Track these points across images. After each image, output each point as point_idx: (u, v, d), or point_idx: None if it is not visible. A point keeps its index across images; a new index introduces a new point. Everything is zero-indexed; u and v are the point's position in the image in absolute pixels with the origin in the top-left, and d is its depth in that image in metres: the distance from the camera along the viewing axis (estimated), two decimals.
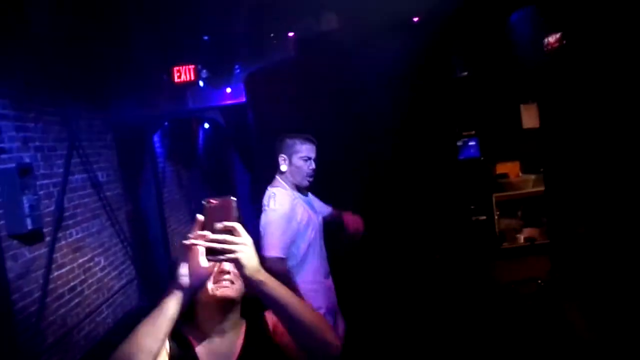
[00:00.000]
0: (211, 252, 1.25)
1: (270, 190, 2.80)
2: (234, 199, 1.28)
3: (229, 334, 1.53)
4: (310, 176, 2.83)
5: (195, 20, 5.30)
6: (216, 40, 5.67)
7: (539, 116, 4.24)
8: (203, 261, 1.27)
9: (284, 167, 2.82)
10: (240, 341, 1.52)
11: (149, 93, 5.29)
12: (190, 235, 1.26)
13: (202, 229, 1.26)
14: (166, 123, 6.37)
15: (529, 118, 5.00)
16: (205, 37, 5.84)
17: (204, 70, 5.39)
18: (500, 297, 2.59)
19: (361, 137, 4.29)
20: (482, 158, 5.41)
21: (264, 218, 2.75)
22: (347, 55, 3.74)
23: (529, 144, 5.13)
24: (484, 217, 5.22)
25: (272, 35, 5.27)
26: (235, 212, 1.26)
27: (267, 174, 3.51)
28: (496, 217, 5.31)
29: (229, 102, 6.17)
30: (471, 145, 5.27)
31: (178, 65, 5.33)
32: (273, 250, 2.66)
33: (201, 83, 5.30)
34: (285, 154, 2.82)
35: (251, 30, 5.35)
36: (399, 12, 4.78)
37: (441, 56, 3.66)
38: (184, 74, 5.03)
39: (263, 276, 1.31)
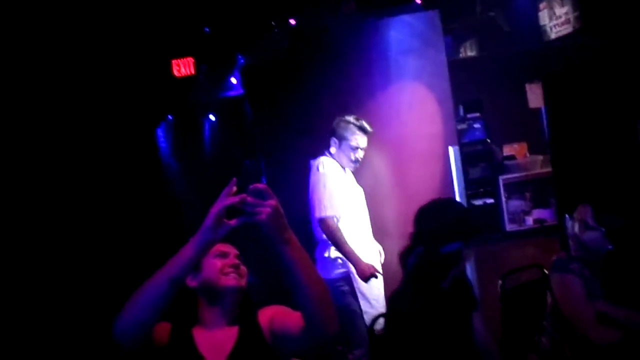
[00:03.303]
0: (239, 211, 1.31)
1: (318, 159, 2.94)
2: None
3: (226, 326, 1.60)
4: (355, 164, 3.00)
5: (195, 11, 5.26)
6: (217, 30, 5.64)
7: (543, 95, 4.14)
8: (229, 219, 1.32)
9: (333, 149, 2.97)
10: (234, 334, 1.57)
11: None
12: (223, 192, 1.32)
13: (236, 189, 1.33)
14: (170, 117, 6.37)
15: (535, 97, 4.90)
16: (206, 29, 5.81)
17: (204, 64, 5.37)
18: (501, 285, 2.54)
19: None
20: (488, 140, 5.33)
21: (313, 180, 2.88)
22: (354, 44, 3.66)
23: (535, 124, 5.04)
24: (492, 201, 5.16)
25: (272, 23, 5.22)
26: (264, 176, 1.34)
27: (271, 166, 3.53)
28: (504, 200, 5.24)
29: (233, 93, 6.15)
30: (476, 128, 5.19)
31: (177, 58, 5.31)
32: (326, 210, 2.80)
33: (201, 76, 5.27)
34: (336, 137, 2.96)
35: (252, 18, 5.31)
36: None
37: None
38: (183, 67, 5.01)
39: (288, 237, 1.35)
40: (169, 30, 5.29)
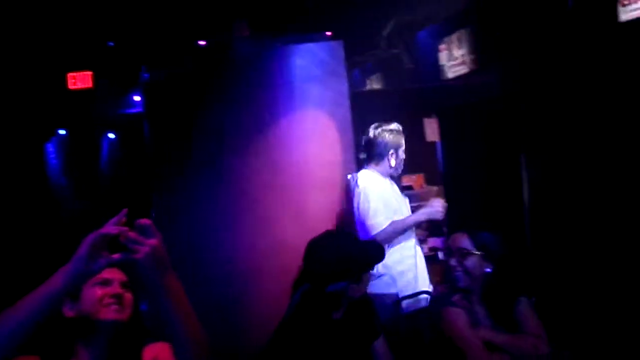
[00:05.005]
0: (117, 247, 1.20)
1: (356, 175, 2.80)
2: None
3: None
4: None
5: (101, 25, 5.06)
6: (122, 46, 5.44)
7: (439, 130, 4.37)
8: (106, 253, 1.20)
9: (393, 162, 2.78)
10: None
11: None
12: (109, 222, 1.21)
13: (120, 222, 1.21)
14: (64, 132, 6.00)
15: (432, 131, 5.16)
16: (110, 43, 5.59)
17: (104, 79, 5.15)
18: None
19: None
20: None
21: (362, 197, 2.68)
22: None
23: (432, 157, 5.29)
24: None
25: (182, 43, 5.13)
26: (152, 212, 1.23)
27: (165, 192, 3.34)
28: None
29: (134, 110, 5.91)
30: None
31: (75, 71, 5.06)
32: (374, 229, 2.65)
33: (99, 91, 5.04)
34: (393, 148, 2.77)
35: (161, 38, 5.18)
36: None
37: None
38: (79, 80, 4.75)
39: (167, 283, 1.21)
40: (69, 42, 5.04)
